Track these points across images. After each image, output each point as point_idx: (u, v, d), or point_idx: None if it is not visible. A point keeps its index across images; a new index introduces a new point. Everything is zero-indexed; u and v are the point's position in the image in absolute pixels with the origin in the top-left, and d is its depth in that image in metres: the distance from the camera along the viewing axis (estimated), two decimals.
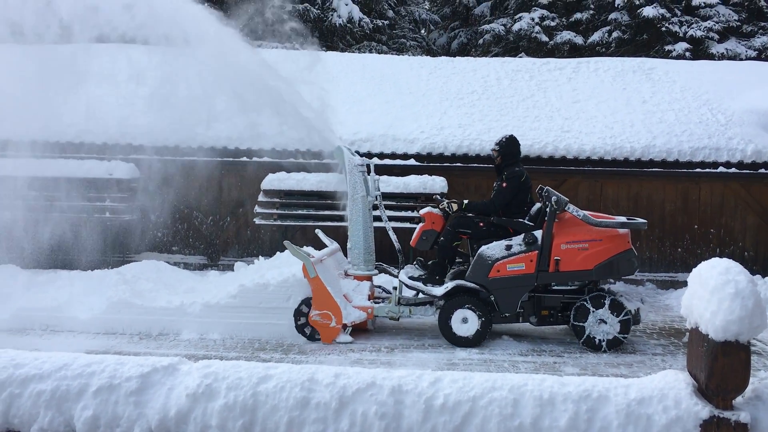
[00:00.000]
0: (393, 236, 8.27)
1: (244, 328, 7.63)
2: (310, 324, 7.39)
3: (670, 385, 2.64)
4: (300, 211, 10.59)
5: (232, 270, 9.52)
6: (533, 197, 8.00)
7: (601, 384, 2.71)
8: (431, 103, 12.42)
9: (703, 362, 2.55)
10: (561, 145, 11.18)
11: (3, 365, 3.01)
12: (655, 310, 9.51)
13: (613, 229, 7.28)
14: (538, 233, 7.33)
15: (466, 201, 7.90)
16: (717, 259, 2.69)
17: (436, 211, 7.94)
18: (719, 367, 2.50)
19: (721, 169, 11.08)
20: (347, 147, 8.32)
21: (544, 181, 11.40)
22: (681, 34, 21.44)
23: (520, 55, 22.65)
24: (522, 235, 7.36)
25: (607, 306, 7.20)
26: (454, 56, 19.50)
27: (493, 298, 7.38)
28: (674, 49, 21.04)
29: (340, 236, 9.09)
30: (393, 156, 11.17)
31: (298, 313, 7.50)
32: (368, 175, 8.25)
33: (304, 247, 8.07)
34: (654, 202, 11.42)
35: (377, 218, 8.40)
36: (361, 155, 11.11)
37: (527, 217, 7.69)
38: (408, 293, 7.88)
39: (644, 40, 22.36)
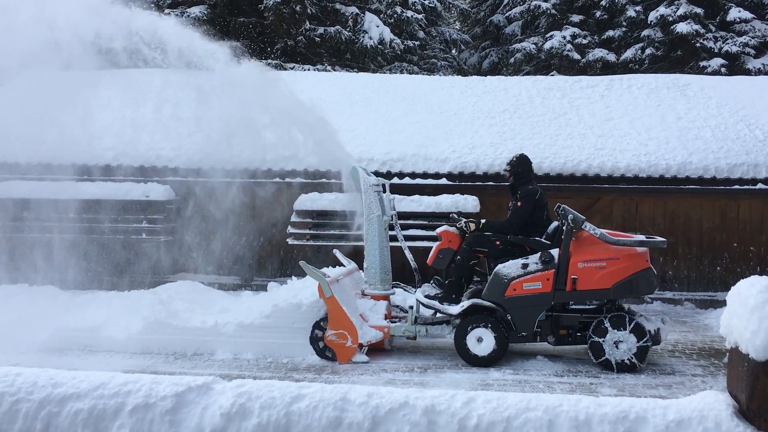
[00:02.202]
0: (409, 255, 8.26)
1: (278, 348, 7.65)
2: (326, 344, 7.39)
3: (710, 406, 2.58)
4: (333, 231, 10.63)
5: (266, 290, 9.57)
6: (550, 215, 7.92)
7: (639, 405, 2.66)
8: (463, 122, 12.42)
9: (744, 383, 2.49)
10: (595, 162, 11.08)
11: (42, 384, 3.06)
12: (694, 330, 9.31)
13: (631, 247, 7.15)
14: (555, 252, 7.23)
15: (483, 220, 7.85)
16: (756, 277, 2.63)
17: (452, 229, 7.90)
18: (761, 387, 2.44)
19: (760, 185, 10.86)
20: (363, 167, 8.38)
21: (578, 199, 11.33)
22: (716, 50, 21.17)
23: (551, 73, 22.57)
24: (538, 254, 7.28)
25: (626, 326, 7.05)
26: (485, 75, 19.53)
27: (509, 317, 7.29)
28: (709, 65, 20.78)
29: None
30: (425, 175, 11.18)
31: (314, 334, 7.52)
32: (384, 194, 8.26)
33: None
34: (691, 220, 11.23)
35: (394, 237, 8.40)
36: (393, 175, 11.19)
37: (544, 236, 7.62)
38: (426, 312, 7.84)
39: (678, 57, 22.13)
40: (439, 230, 8.00)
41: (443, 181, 11.15)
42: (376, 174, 11.19)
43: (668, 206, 11.25)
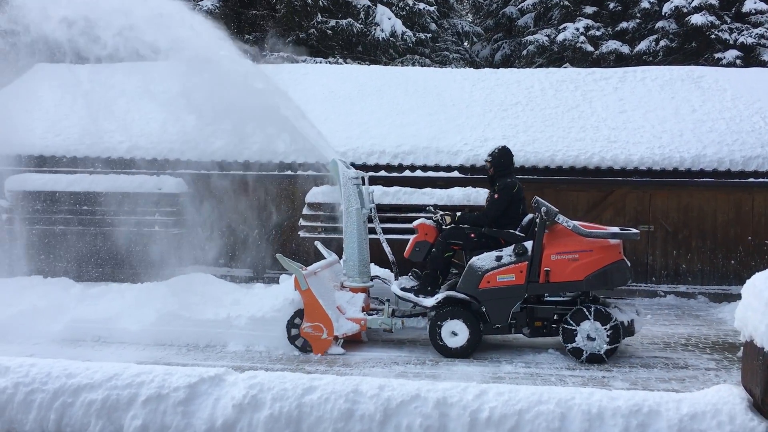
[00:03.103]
0: (387, 248, 8.29)
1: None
2: (302, 336, 7.43)
3: (724, 400, 2.56)
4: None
5: (278, 283, 9.59)
6: (527, 208, 7.93)
7: (652, 398, 2.64)
8: (475, 114, 12.38)
9: (759, 376, 2.47)
10: (608, 155, 11.01)
11: (56, 375, 3.08)
12: (708, 323, 9.25)
13: (604, 239, 7.16)
14: (529, 244, 7.27)
15: (459, 213, 7.90)
16: None
17: (429, 222, 7.92)
18: None
19: None
20: (342, 160, 8.37)
21: (591, 192, 11.27)
22: (731, 42, 20.95)
23: (564, 65, 22.42)
24: (512, 246, 7.31)
25: (595, 317, 7.09)
26: (498, 68, 19.43)
27: (484, 309, 7.33)
28: (724, 57, 20.57)
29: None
30: (436, 168, 11.16)
31: (290, 325, 7.55)
32: (363, 187, 8.27)
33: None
34: (705, 213, 11.15)
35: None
36: (405, 167, 11.17)
37: (518, 228, 7.64)
38: (405, 305, 7.87)
39: (693, 49, 21.92)
40: (415, 223, 8.02)
41: (455, 174, 11.12)
42: (389, 167, 11.19)
43: (682, 199, 11.17)
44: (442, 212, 7.90)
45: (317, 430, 2.66)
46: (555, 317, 7.38)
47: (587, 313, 7.12)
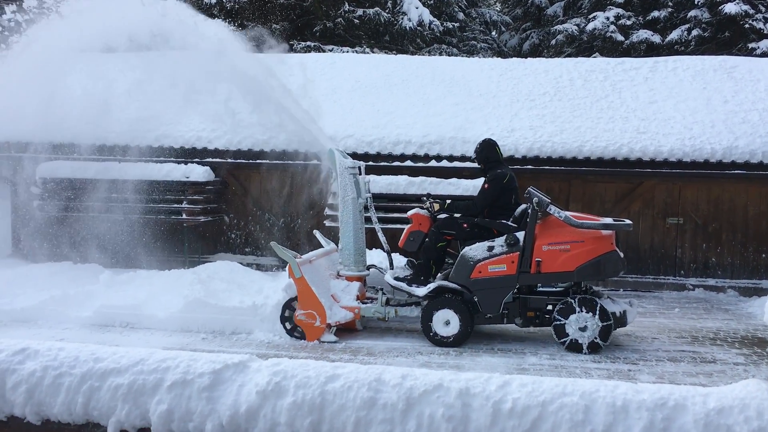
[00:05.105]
0: (382, 237, 8.33)
1: None
2: (296, 323, 7.49)
3: (752, 394, 2.52)
4: (368, 214, 10.62)
5: None
6: (520, 198, 7.89)
7: (678, 392, 2.60)
8: (501, 104, 12.28)
9: None
10: (636, 146, 10.85)
11: (84, 359, 3.13)
12: (737, 318, 9.11)
13: (596, 230, 7.11)
14: (521, 234, 7.25)
15: (449, 201, 7.92)
16: None
17: (423, 212, 7.95)
18: None
19: None
20: (339, 149, 8.40)
21: (619, 184, 11.14)
22: (765, 31, 20.50)
23: (594, 55, 22.12)
24: (504, 237, 7.30)
25: (589, 308, 7.06)
26: (526, 57, 19.24)
27: (475, 299, 7.34)
28: (758, 47, 20.14)
29: None
30: (462, 158, 11.09)
31: (284, 313, 7.61)
32: (359, 176, 8.30)
33: (372, 249, 8.17)
34: (736, 206, 10.96)
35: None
36: (431, 158, 11.13)
37: (511, 219, 7.61)
38: (401, 295, 7.90)
39: (726, 38, 21.49)
40: (410, 213, 8.05)
41: None
42: (415, 157, 11.16)
43: (712, 191, 10.99)
44: (431, 200, 7.93)
45: (340, 418, 2.67)
46: (548, 308, 7.37)
47: (574, 304, 7.12)
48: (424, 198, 8.24)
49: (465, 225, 7.60)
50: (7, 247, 12.65)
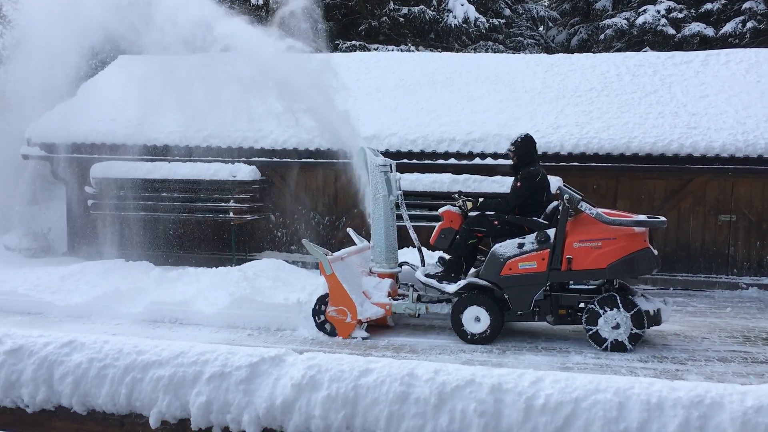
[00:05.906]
0: (413, 235, 8.34)
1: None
2: (327, 320, 7.53)
3: None
4: (413, 212, 10.64)
5: None
6: (552, 196, 7.80)
7: (715, 390, 2.55)
8: (547, 101, 12.15)
9: None
10: (687, 142, 10.60)
11: (127, 351, 3.23)
12: None
13: (628, 227, 6.95)
14: (552, 231, 7.16)
15: (481, 199, 7.90)
16: None
17: (454, 209, 7.93)
18: None
19: None
20: (370, 148, 8.45)
21: (669, 180, 10.90)
22: None
23: (644, 49, 21.64)
24: (535, 234, 7.22)
25: (622, 306, 6.93)
26: (573, 53, 18.96)
27: (506, 296, 7.27)
28: None
29: None
30: (507, 156, 10.99)
31: (317, 310, 7.67)
32: (391, 174, 8.31)
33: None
34: None
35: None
36: (475, 155, 11.08)
37: (542, 216, 7.51)
38: (433, 291, 7.89)
39: None
40: (441, 210, 8.07)
41: None
42: (459, 155, 11.12)
43: (767, 188, 10.66)
44: (464, 198, 7.89)
45: (373, 412, 2.69)
46: (580, 305, 7.26)
47: (595, 308, 7.01)
48: (456, 195, 8.24)
49: (496, 222, 7.58)
50: (63, 245, 13.10)
